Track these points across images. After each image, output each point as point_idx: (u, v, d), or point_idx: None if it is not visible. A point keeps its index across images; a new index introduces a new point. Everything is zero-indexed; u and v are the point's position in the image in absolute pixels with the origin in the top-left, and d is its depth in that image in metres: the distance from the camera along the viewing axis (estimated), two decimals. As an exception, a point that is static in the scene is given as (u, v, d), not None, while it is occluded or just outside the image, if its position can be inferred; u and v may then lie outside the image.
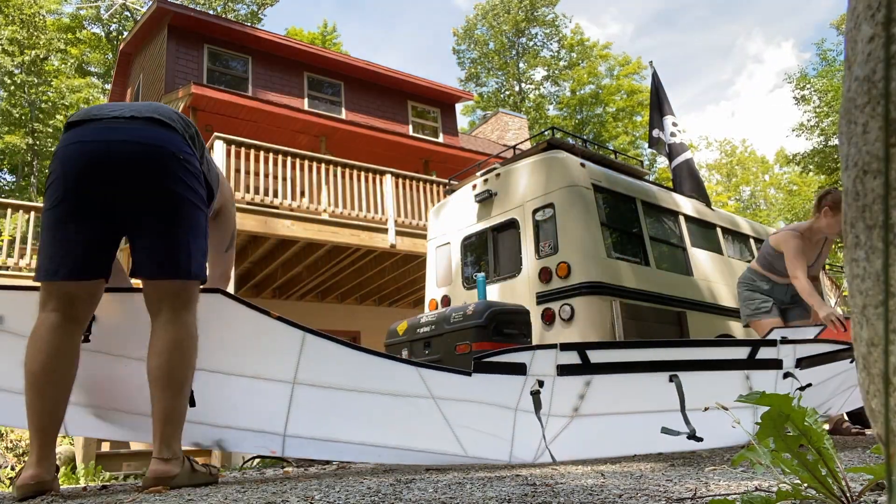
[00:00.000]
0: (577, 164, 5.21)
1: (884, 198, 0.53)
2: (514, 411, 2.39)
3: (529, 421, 2.34)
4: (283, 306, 10.83)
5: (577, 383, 2.44)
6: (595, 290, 4.68)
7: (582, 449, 2.58)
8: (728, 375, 2.71)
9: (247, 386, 2.13)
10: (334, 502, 1.34)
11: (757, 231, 7.03)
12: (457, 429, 2.34)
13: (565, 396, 2.43)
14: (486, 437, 2.41)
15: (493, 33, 33.66)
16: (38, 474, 1.67)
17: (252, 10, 26.82)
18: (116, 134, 1.79)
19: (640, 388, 2.55)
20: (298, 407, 2.16)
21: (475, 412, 2.38)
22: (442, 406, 2.32)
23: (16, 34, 20.68)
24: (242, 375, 2.13)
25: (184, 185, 1.82)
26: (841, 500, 0.99)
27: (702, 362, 2.67)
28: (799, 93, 19.40)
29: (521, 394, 2.38)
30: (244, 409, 2.16)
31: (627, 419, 2.58)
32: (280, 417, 2.15)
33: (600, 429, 2.56)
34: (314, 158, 8.49)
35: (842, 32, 19.74)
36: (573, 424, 2.49)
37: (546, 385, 2.36)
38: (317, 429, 2.20)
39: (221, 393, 2.11)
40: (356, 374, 2.25)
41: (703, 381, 2.59)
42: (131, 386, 1.98)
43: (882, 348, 0.55)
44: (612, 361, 2.49)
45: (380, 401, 2.29)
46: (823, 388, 3.07)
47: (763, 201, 39.49)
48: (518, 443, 2.42)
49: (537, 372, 2.36)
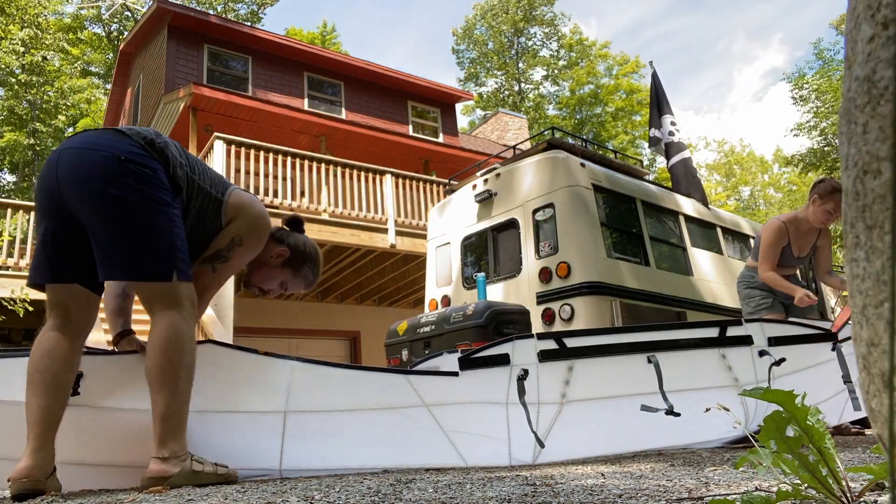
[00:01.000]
0: (577, 164, 5.21)
1: (887, 197, 0.53)
2: (506, 405, 2.44)
3: (521, 414, 2.38)
4: (283, 306, 10.83)
5: (561, 369, 2.54)
6: (595, 290, 4.68)
7: (574, 441, 2.59)
8: (705, 354, 2.82)
9: (241, 424, 2.13)
10: (334, 502, 1.34)
11: (757, 231, 7.03)
12: (453, 436, 2.35)
13: (551, 383, 2.51)
14: (482, 440, 2.42)
15: (492, 33, 33.67)
16: (29, 467, 1.67)
17: (252, 10, 26.82)
18: (68, 143, 1.87)
19: (622, 370, 2.64)
20: (292, 438, 2.14)
21: (468, 414, 2.40)
22: (435, 413, 2.34)
23: (27, 36, 20.70)
24: (236, 413, 2.13)
25: (126, 185, 1.79)
26: (841, 500, 0.99)
27: (678, 342, 2.78)
28: (797, 93, 19.41)
29: (508, 387, 2.46)
30: (239, 448, 2.13)
31: (614, 404, 2.63)
32: (275, 452, 2.13)
33: (590, 421, 2.60)
34: (314, 158, 8.49)
35: (841, 32, 19.77)
36: (563, 414, 2.52)
37: (531, 373, 2.46)
38: (313, 459, 2.17)
39: (217, 434, 2.10)
40: (348, 393, 2.27)
41: (680, 361, 2.70)
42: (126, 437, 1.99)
43: (882, 348, 0.55)
44: (588, 345, 2.62)
45: (374, 418, 2.29)
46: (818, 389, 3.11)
47: (762, 201, 39.49)
48: (515, 441, 2.43)
49: (520, 361, 2.47)
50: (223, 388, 2.15)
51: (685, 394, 2.63)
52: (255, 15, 26.83)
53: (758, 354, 2.91)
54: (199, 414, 2.03)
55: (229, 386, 2.16)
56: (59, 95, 22.48)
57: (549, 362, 2.53)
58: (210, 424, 2.09)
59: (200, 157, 8.26)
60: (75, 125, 23.98)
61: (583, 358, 2.58)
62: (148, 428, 1.83)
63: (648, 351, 2.65)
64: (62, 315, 1.84)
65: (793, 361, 2.95)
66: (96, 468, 2.02)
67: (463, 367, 2.41)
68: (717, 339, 2.86)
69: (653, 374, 2.58)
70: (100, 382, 1.98)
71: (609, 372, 2.64)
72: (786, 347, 2.98)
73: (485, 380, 2.43)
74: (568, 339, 2.58)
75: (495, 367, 2.46)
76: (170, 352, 1.81)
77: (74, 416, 1.88)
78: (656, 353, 2.65)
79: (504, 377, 2.45)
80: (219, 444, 2.09)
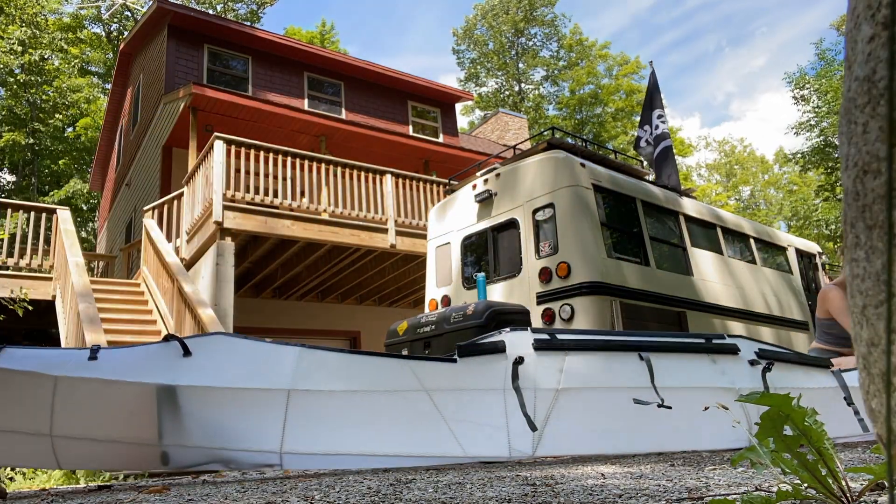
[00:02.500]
0: (578, 165, 5.21)
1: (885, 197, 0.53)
2: (503, 391, 2.48)
3: (517, 400, 2.41)
4: (283, 306, 10.83)
5: (556, 359, 2.61)
6: (595, 290, 4.68)
7: (571, 432, 2.61)
8: (696, 358, 2.90)
9: (244, 405, 2.16)
10: (334, 502, 1.34)
11: (757, 231, 7.03)
12: (453, 424, 2.36)
13: (547, 371, 2.57)
14: (482, 429, 2.43)
15: (493, 33, 33.66)
16: None
17: (252, 10, 26.81)
18: None
19: (615, 365, 2.71)
20: (295, 419, 2.16)
21: (467, 401, 2.43)
22: (435, 398, 2.36)
23: (23, 35, 20.69)
24: (239, 396, 2.16)
25: None
26: (841, 500, 0.99)
27: (668, 345, 2.87)
28: (798, 93, 19.42)
29: (505, 373, 2.50)
30: (241, 430, 2.16)
31: (607, 396, 2.67)
32: (276, 434, 2.15)
33: (585, 411, 2.62)
34: (314, 158, 8.49)
35: (842, 33, 19.70)
36: (560, 405, 2.54)
37: (527, 361, 2.54)
38: (314, 443, 2.20)
39: (219, 417, 2.12)
40: (350, 376, 2.30)
41: (672, 364, 2.78)
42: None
43: (882, 348, 0.55)
44: (577, 339, 2.71)
45: (375, 400, 2.30)
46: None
47: (763, 201, 39.48)
48: (514, 430, 2.45)
49: (515, 351, 2.55)
50: (232, 376, 2.18)
51: (679, 393, 2.67)
52: (254, 15, 26.83)
53: (748, 364, 2.98)
54: (201, 397, 2.05)
55: (239, 373, 2.20)
56: (59, 95, 22.47)
57: (544, 352, 2.60)
58: (211, 410, 2.11)
59: (200, 157, 8.28)
60: (75, 125, 23.99)
61: (575, 351, 2.66)
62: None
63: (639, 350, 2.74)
64: None
65: (792, 380, 3.02)
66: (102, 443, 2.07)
67: (461, 356, 2.49)
68: (705, 345, 2.95)
69: (645, 370, 2.64)
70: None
71: (602, 365, 2.71)
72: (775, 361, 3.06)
73: (482, 366, 2.50)
74: (560, 334, 2.69)
75: (493, 355, 2.54)
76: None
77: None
78: (648, 352, 2.72)
79: (501, 365, 2.52)
80: (220, 424, 2.10)
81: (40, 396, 1.96)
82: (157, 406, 2.02)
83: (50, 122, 22.69)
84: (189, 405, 2.05)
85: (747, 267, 6.43)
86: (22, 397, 1.92)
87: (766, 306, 6.35)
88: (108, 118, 16.07)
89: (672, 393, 2.63)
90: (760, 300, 6.30)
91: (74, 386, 1.97)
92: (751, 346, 3.07)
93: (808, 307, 7.02)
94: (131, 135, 14.08)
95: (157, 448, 1.99)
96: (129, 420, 2.02)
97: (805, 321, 6.82)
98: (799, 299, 6.97)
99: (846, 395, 3.14)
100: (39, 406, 1.97)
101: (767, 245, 7.10)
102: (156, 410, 2.01)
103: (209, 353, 2.13)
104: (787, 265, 7.23)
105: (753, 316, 6.02)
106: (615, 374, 2.69)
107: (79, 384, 1.95)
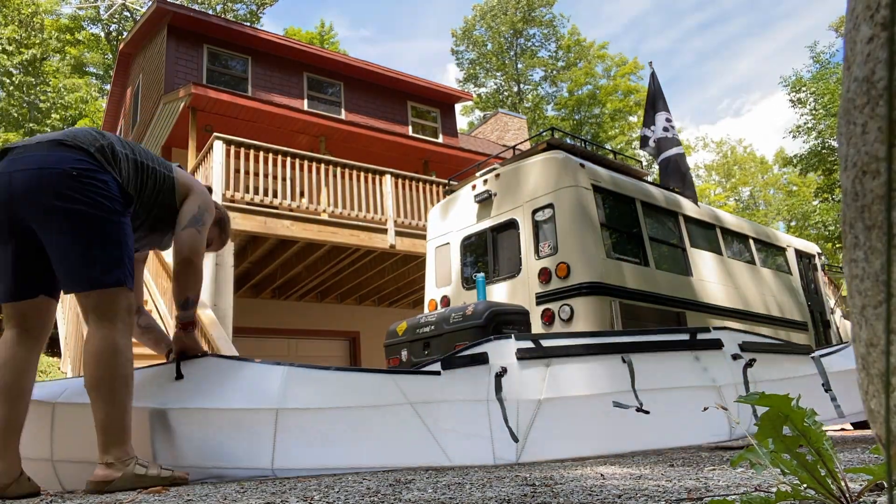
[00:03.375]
0: (577, 165, 5.21)
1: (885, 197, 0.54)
2: (487, 402, 2.52)
3: (500, 412, 2.45)
4: (283, 307, 10.83)
5: (539, 368, 2.65)
6: (594, 290, 4.68)
7: (555, 439, 2.64)
8: (679, 356, 2.96)
9: (235, 424, 2.21)
10: (334, 502, 1.34)
11: (757, 232, 7.04)
12: (438, 435, 2.41)
13: (530, 381, 2.61)
14: (467, 439, 2.47)
15: (492, 34, 33.67)
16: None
17: (251, 10, 26.81)
18: (17, 164, 1.93)
19: (598, 369, 2.76)
20: (284, 436, 2.21)
21: (452, 413, 2.48)
22: (420, 411, 2.42)
23: (14, 34, 20.66)
24: (229, 416, 2.22)
25: (77, 199, 1.90)
26: (840, 500, 0.99)
27: (652, 344, 2.90)
28: (795, 95, 19.44)
29: (489, 384, 2.55)
30: (233, 449, 2.20)
31: (591, 402, 2.71)
32: (267, 451, 2.20)
33: (569, 419, 2.65)
34: (314, 159, 8.49)
35: (840, 35, 19.70)
36: (543, 413, 2.57)
37: (510, 371, 2.57)
38: (303, 459, 2.24)
39: (212, 438, 2.18)
40: (336, 392, 2.38)
41: (654, 363, 2.83)
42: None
43: (881, 349, 0.55)
44: (564, 344, 2.74)
45: (361, 415, 2.36)
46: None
47: (762, 202, 39.49)
48: (498, 439, 2.49)
49: (498, 361, 2.58)
50: (220, 396, 2.25)
51: (661, 393, 2.72)
52: (254, 15, 26.82)
53: (731, 358, 3.05)
54: (192, 416, 2.12)
55: (227, 393, 2.26)
56: (56, 95, 22.45)
57: (526, 361, 2.64)
58: (204, 429, 2.17)
59: (200, 157, 8.28)
60: (74, 125, 23.97)
61: (560, 357, 2.70)
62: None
63: (623, 352, 2.78)
64: (20, 326, 1.96)
65: (772, 371, 3.08)
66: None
67: (444, 368, 2.54)
68: (689, 341, 3.00)
69: (626, 373, 2.70)
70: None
71: (585, 371, 2.75)
72: (758, 354, 3.11)
73: (465, 378, 2.55)
74: (544, 341, 2.73)
75: (476, 366, 2.58)
76: (105, 365, 1.90)
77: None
78: (631, 353, 2.77)
79: (484, 376, 2.57)
80: (212, 444, 2.15)
81: (41, 423, 2.08)
82: (151, 429, 2.10)
83: (47, 122, 22.66)
84: (181, 427, 2.12)
85: (747, 267, 6.43)
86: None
87: (766, 307, 6.36)
88: (108, 118, 16.06)
89: (654, 395, 2.69)
90: (760, 301, 6.30)
91: (74, 412, 2.09)
92: (734, 339, 3.14)
93: (807, 308, 7.03)
94: (131, 135, 14.07)
95: None
96: None
97: (804, 322, 6.82)
98: (798, 300, 6.97)
99: (824, 382, 3.23)
100: (40, 430, 2.08)
101: (767, 246, 7.10)
102: (149, 433, 2.09)
103: (200, 375, 2.23)
104: (786, 266, 7.24)
105: (753, 316, 6.02)
106: (598, 379, 2.74)
107: (77, 410, 2.06)
